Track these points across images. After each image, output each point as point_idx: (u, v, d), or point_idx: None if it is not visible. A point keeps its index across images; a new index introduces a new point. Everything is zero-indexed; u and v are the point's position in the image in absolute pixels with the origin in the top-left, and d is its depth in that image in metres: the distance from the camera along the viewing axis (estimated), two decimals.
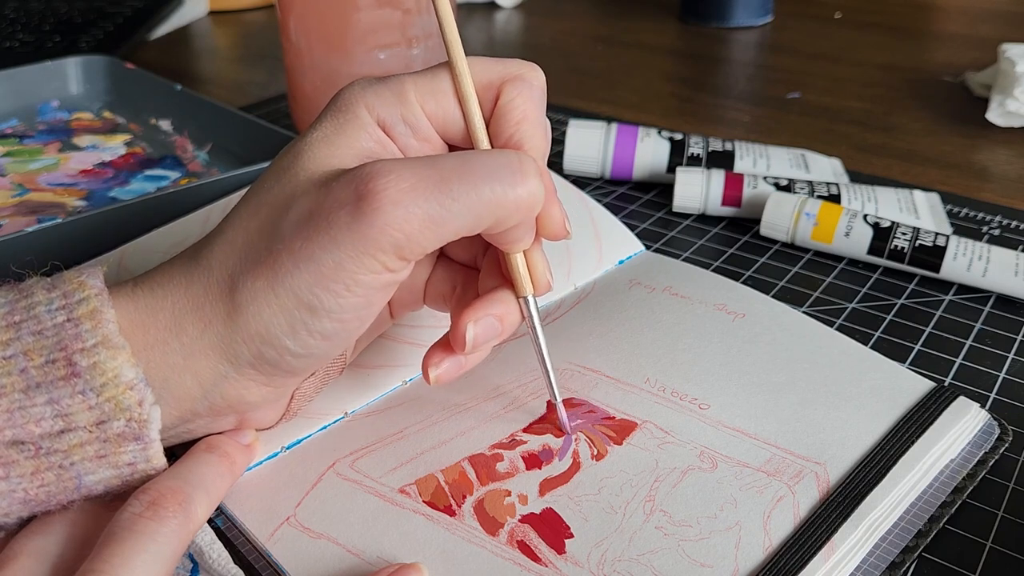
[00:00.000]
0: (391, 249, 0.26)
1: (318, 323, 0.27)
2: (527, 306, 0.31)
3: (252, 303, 0.26)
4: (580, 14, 1.00)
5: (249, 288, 0.26)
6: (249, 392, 0.28)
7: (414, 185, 0.25)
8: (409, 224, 0.25)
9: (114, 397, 0.25)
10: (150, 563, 0.24)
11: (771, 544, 0.28)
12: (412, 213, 0.25)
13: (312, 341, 0.27)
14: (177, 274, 0.28)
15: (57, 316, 0.26)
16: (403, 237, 0.25)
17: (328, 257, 0.25)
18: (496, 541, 0.28)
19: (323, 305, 0.26)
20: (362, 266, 0.26)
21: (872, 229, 0.45)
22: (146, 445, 0.26)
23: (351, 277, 0.26)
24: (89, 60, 0.71)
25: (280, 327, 0.26)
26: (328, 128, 0.28)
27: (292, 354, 0.27)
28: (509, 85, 0.29)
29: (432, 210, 0.26)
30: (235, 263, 0.27)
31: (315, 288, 0.26)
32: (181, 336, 0.27)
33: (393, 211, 0.25)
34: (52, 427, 0.25)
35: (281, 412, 0.31)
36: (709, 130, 0.65)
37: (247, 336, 0.27)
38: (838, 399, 0.34)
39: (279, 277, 0.26)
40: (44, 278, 0.27)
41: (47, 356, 0.25)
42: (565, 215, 0.30)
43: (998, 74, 0.65)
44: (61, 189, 0.55)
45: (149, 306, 0.27)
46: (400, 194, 0.25)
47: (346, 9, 0.52)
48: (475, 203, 0.26)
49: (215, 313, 0.27)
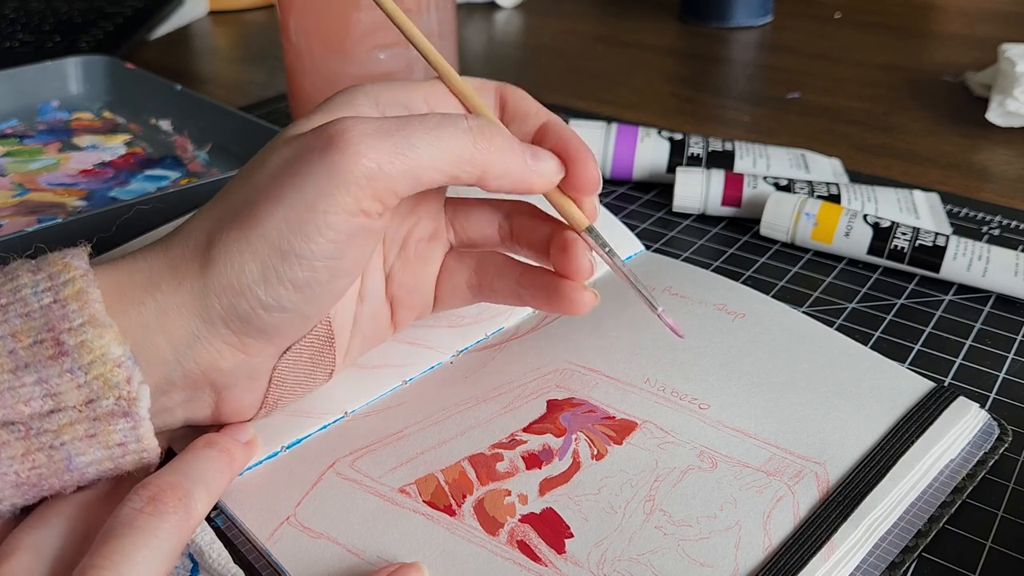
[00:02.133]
0: (364, 181, 0.27)
1: (289, 270, 0.27)
2: (591, 237, 0.32)
3: (225, 254, 0.27)
4: (580, 14, 1.00)
5: (223, 241, 0.27)
6: (223, 357, 0.28)
7: (381, 124, 0.27)
8: (377, 152, 0.27)
9: (102, 375, 0.25)
10: (150, 559, 0.24)
11: (771, 544, 0.28)
12: (381, 143, 0.27)
13: (283, 290, 0.27)
14: (158, 244, 0.29)
15: (43, 297, 0.26)
16: (375, 166, 0.27)
17: (298, 197, 0.27)
18: (496, 541, 0.28)
19: (294, 250, 0.27)
20: (334, 203, 0.27)
21: (872, 229, 0.45)
22: (136, 423, 0.26)
23: (322, 218, 0.27)
24: (89, 60, 0.71)
25: (252, 275, 0.27)
26: (315, 114, 0.30)
27: (263, 306, 0.27)
28: (508, 91, 0.32)
29: (398, 144, 0.27)
30: (213, 223, 0.28)
31: (286, 231, 0.27)
32: (155, 294, 0.27)
33: (362, 144, 0.26)
34: (41, 407, 0.25)
35: (259, 397, 0.31)
36: (709, 130, 0.65)
37: (219, 288, 0.27)
38: (838, 399, 0.34)
39: (252, 225, 0.27)
40: (28, 260, 0.27)
41: (35, 337, 0.25)
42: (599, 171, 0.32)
43: (998, 74, 0.65)
44: (61, 189, 0.55)
45: (128, 269, 0.28)
46: (369, 128, 0.27)
47: (346, 9, 0.52)
48: (436, 140, 0.28)
49: (189, 269, 0.27)
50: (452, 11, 0.56)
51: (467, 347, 0.38)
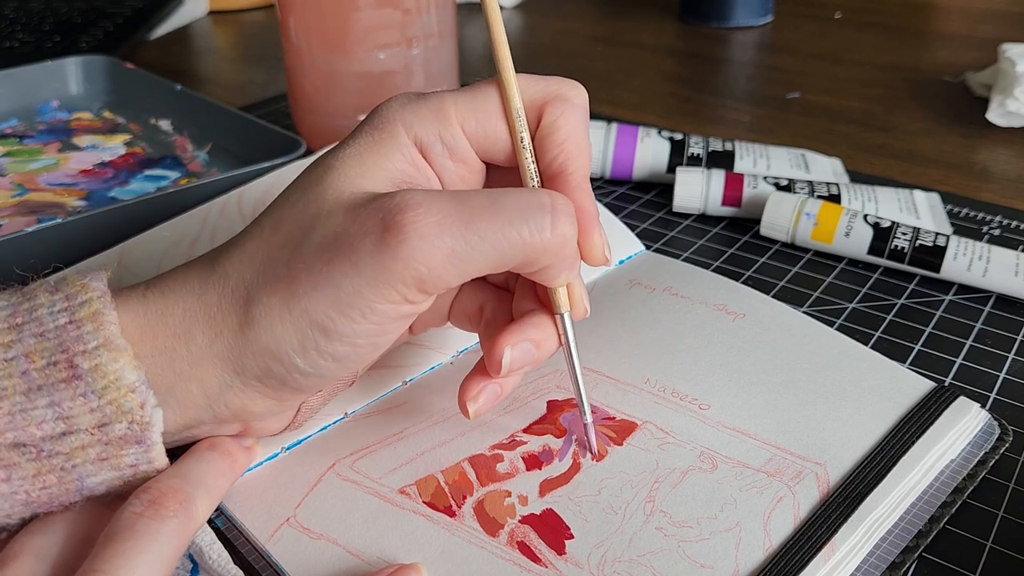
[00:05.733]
0: (412, 282, 0.25)
1: (330, 345, 0.26)
2: (563, 324, 0.30)
3: (265, 318, 0.26)
4: (580, 14, 1.00)
5: (264, 303, 0.26)
6: (254, 403, 0.28)
7: (441, 220, 0.25)
8: (433, 259, 0.25)
9: (116, 400, 0.25)
10: (151, 562, 0.24)
11: (771, 545, 0.28)
12: (437, 248, 0.25)
13: (322, 362, 0.27)
14: (192, 280, 0.28)
15: (59, 318, 0.26)
16: (426, 271, 0.25)
17: (348, 283, 0.25)
18: (496, 542, 0.28)
19: (337, 329, 0.26)
20: (381, 296, 0.26)
21: (872, 229, 0.45)
22: (148, 448, 0.26)
23: (368, 305, 0.26)
24: (89, 60, 0.71)
25: (291, 345, 0.26)
26: (362, 145, 0.28)
27: (300, 372, 0.27)
28: (552, 105, 0.29)
29: (458, 246, 0.25)
30: (252, 275, 0.27)
31: (330, 311, 0.26)
32: (190, 344, 0.27)
33: (418, 244, 0.25)
34: (53, 430, 0.25)
35: (286, 423, 0.31)
36: (709, 130, 0.65)
37: (257, 350, 0.26)
38: (838, 399, 0.34)
39: (296, 296, 0.26)
40: (47, 281, 0.27)
41: (48, 358, 0.25)
42: (606, 241, 0.29)
43: (998, 74, 0.65)
44: (61, 189, 0.55)
45: (160, 310, 0.27)
46: (427, 228, 0.25)
47: (346, 9, 0.52)
48: (501, 243, 0.26)
49: (227, 323, 0.27)
50: (452, 11, 0.56)
51: (467, 347, 0.38)
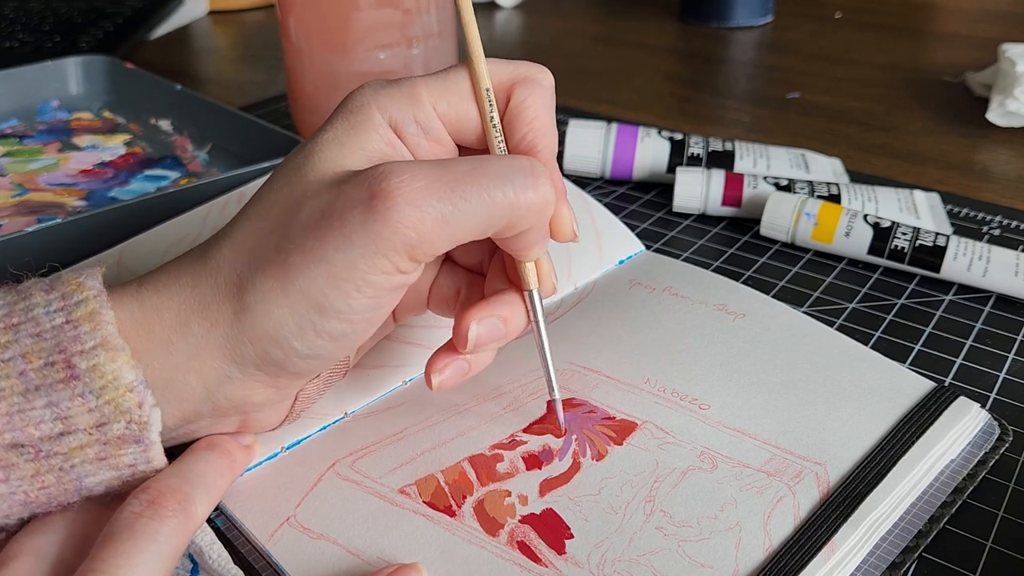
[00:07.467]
0: (403, 248, 0.26)
1: (327, 324, 0.26)
2: (531, 300, 0.31)
3: (261, 303, 0.26)
4: (580, 14, 1.00)
5: (258, 288, 0.26)
6: (254, 393, 0.28)
7: (428, 185, 0.26)
8: (423, 223, 0.25)
9: (114, 399, 0.25)
10: (150, 562, 0.24)
11: (771, 544, 0.28)
12: (425, 212, 0.25)
13: (320, 342, 0.27)
14: (184, 273, 0.28)
15: (56, 318, 0.26)
16: (416, 236, 0.26)
17: (341, 256, 0.26)
18: (496, 542, 0.28)
19: (333, 306, 0.26)
20: (374, 266, 0.26)
21: (872, 229, 0.45)
22: (146, 447, 0.26)
23: (362, 277, 0.26)
24: (89, 60, 0.71)
25: (288, 328, 0.26)
26: (339, 129, 0.28)
27: (299, 355, 0.27)
28: (520, 86, 0.29)
29: (445, 210, 0.26)
30: (244, 263, 0.27)
31: (325, 289, 0.26)
32: (187, 336, 0.27)
33: (407, 209, 0.25)
34: (52, 430, 0.25)
35: (284, 414, 0.31)
36: (709, 130, 0.65)
37: (254, 336, 0.27)
38: (838, 399, 0.34)
39: (290, 277, 0.26)
40: (42, 279, 0.27)
41: (46, 359, 0.25)
42: (573, 217, 0.30)
43: (998, 74, 0.65)
44: (61, 189, 0.55)
45: (154, 306, 0.27)
46: (414, 193, 0.25)
47: (346, 9, 0.52)
48: (488, 204, 0.26)
49: (222, 313, 0.27)
50: (452, 11, 0.56)
51: None
